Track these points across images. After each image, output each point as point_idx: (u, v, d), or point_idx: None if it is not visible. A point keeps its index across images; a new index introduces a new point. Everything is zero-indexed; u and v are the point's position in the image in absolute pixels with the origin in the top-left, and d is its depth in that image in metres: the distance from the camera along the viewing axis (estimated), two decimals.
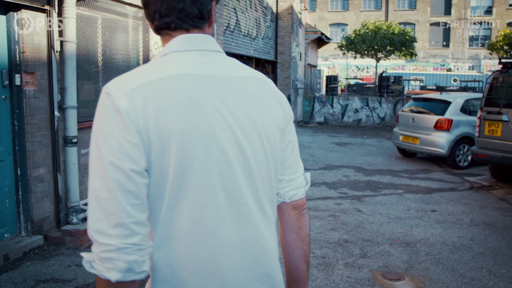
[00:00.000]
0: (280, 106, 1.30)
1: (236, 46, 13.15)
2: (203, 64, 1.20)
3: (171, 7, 1.19)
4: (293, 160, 1.38)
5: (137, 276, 1.10)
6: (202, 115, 1.14)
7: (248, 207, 1.21)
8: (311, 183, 8.17)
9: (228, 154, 1.17)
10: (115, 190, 1.08)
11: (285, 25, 17.62)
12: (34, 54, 4.73)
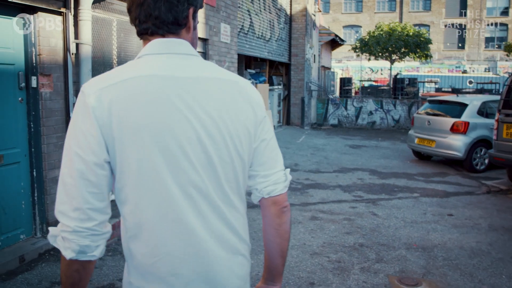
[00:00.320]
0: (250, 107, 1.37)
1: (250, 48, 13.13)
2: (170, 66, 1.29)
3: (148, 14, 1.30)
4: (269, 157, 1.44)
5: (88, 258, 1.25)
6: (162, 114, 1.23)
7: (210, 198, 1.30)
8: (326, 186, 8.14)
9: (187, 150, 1.25)
10: (77, 178, 1.22)
11: (299, 27, 17.58)
12: (50, 56, 4.75)
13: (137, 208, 1.27)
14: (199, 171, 1.28)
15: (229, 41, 9.60)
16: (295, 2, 17.53)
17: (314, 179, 8.83)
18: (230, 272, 1.36)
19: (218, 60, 9.09)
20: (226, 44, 9.45)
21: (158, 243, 1.27)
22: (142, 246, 1.28)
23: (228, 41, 9.55)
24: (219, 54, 9.13)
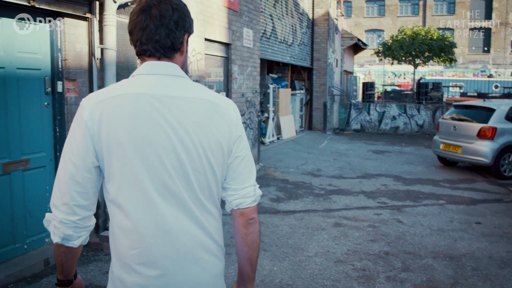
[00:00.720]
0: (227, 126, 1.54)
1: (272, 52, 13.11)
2: (157, 85, 1.48)
3: (150, 38, 1.49)
4: (241, 172, 1.60)
5: (71, 245, 1.50)
6: (143, 126, 1.43)
7: (184, 202, 1.48)
8: (349, 192, 8.03)
9: (163, 158, 1.44)
10: (68, 178, 1.45)
11: (321, 32, 17.49)
12: (75, 61, 4.79)
13: (121, 208, 1.47)
14: (173, 176, 1.46)
15: (251, 45, 9.59)
16: (317, 7, 17.45)
17: (337, 184, 8.73)
18: (202, 270, 1.51)
19: (241, 65, 9.08)
20: (248, 48, 9.44)
21: (138, 238, 1.46)
22: (124, 239, 1.47)
23: (250, 46, 9.53)
24: (242, 58, 9.11)
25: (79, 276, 1.68)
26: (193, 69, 7.09)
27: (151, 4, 1.51)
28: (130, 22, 1.54)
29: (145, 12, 1.50)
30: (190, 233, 1.49)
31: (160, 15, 1.49)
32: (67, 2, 4.60)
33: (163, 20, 1.49)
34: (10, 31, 4.21)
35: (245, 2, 9.17)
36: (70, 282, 1.63)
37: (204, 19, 7.41)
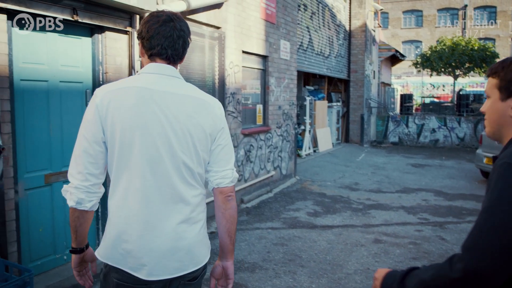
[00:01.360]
0: (211, 119, 1.88)
1: (309, 64, 13.02)
2: (157, 83, 1.83)
3: (171, 45, 1.84)
4: (222, 158, 1.94)
5: (83, 207, 1.81)
6: (142, 114, 1.77)
7: (174, 186, 1.81)
8: (388, 207, 7.81)
9: (157, 142, 1.77)
10: (82, 151, 1.79)
11: (358, 43, 17.30)
12: (116, 74, 4.85)
13: (116, 177, 1.81)
14: (163, 156, 1.78)
15: (288, 57, 9.54)
16: (354, 18, 17.30)
17: (375, 199, 8.51)
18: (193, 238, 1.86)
19: (278, 77, 9.04)
20: (285, 60, 9.39)
21: (122, 204, 1.80)
22: (114, 204, 1.83)
23: (287, 58, 9.49)
24: (279, 70, 9.07)
25: (90, 248, 2.02)
26: (230, 82, 7.09)
27: (172, 18, 1.85)
28: (149, 28, 1.84)
29: (168, 24, 1.84)
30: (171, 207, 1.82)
31: (181, 29, 1.86)
32: (109, 16, 4.67)
33: (181, 33, 1.87)
34: (54, 45, 4.30)
35: (283, 15, 9.15)
36: (82, 250, 1.97)
37: (242, 31, 7.42)
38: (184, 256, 1.83)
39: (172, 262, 1.81)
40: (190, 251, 1.84)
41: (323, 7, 14.27)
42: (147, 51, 1.87)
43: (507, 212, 1.29)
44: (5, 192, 3.79)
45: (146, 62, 1.90)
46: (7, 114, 3.80)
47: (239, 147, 7.54)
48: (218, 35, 6.78)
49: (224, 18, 6.86)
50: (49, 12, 4.05)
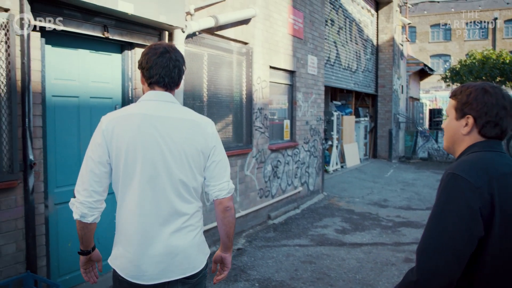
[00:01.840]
0: (203, 139, 2.10)
1: (336, 79, 12.94)
2: (156, 108, 2.06)
3: (168, 74, 2.09)
4: (217, 173, 2.15)
5: (86, 221, 2.06)
6: (142, 138, 2.00)
7: (171, 200, 2.03)
8: (419, 224, 7.60)
9: (155, 161, 2.01)
10: (88, 171, 2.02)
11: (386, 58, 17.14)
12: None
13: (122, 193, 2.05)
14: (161, 174, 2.01)
15: (316, 72, 9.49)
16: (382, 33, 17.16)
17: (405, 216, 8.31)
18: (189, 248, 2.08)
19: (305, 92, 8.99)
20: (313, 76, 9.34)
21: (127, 217, 2.05)
22: (120, 217, 2.09)
23: (315, 73, 9.44)
24: (306, 86, 9.02)
25: (96, 249, 2.28)
26: (257, 97, 7.07)
27: (168, 50, 2.11)
28: (148, 59, 2.09)
29: (164, 55, 2.08)
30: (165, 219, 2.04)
31: (176, 59, 2.11)
32: (139, 33, 4.72)
33: (177, 63, 2.11)
34: (85, 61, 4.36)
35: (310, 30, 9.13)
36: (88, 252, 2.23)
37: (270, 47, 7.42)
38: (180, 262, 2.05)
39: (168, 266, 2.03)
40: (186, 258, 2.06)
41: (350, 22, 14.21)
42: (146, 80, 2.12)
43: (453, 217, 1.52)
44: (35, 206, 3.82)
45: (146, 89, 2.15)
46: (39, 130, 3.86)
47: (266, 163, 7.48)
48: (246, 51, 6.79)
49: (252, 34, 6.88)
50: (81, 29, 4.11)
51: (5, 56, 3.59)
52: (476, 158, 1.66)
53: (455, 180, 1.57)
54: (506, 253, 1.56)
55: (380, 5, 17.16)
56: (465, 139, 1.76)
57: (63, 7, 3.93)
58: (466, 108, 1.73)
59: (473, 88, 1.74)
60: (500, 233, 1.55)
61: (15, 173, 3.64)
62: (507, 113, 1.70)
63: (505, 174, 1.62)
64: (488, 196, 1.54)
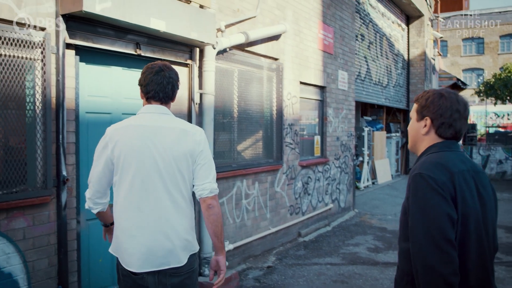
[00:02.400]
0: (191, 144, 2.38)
1: (366, 95, 12.79)
2: (150, 119, 2.40)
3: (162, 90, 2.41)
4: (201, 174, 2.40)
5: (93, 211, 2.55)
6: (137, 145, 2.33)
7: (159, 197, 2.32)
8: None
9: (147, 165, 2.32)
10: (94, 173, 2.43)
11: (417, 72, 16.87)
12: (175, 106, 4.90)
13: (118, 190, 2.37)
14: (152, 176, 2.32)
15: (346, 88, 9.39)
16: (413, 47, 16.94)
17: None
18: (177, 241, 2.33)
19: (336, 108, 8.89)
20: (343, 91, 9.25)
21: (122, 211, 2.36)
22: (116, 211, 2.40)
23: (345, 88, 9.34)
24: (337, 101, 8.93)
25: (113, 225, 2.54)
26: (288, 113, 7.02)
27: (163, 68, 2.43)
28: (145, 77, 2.42)
29: (159, 73, 2.41)
30: (157, 217, 2.32)
31: (170, 76, 2.43)
32: (170, 49, 4.76)
33: (170, 80, 2.43)
34: (118, 78, 4.41)
35: (340, 45, 9.07)
36: (107, 225, 2.70)
37: (300, 62, 7.38)
38: (166, 255, 2.31)
39: (156, 258, 2.30)
40: (171, 252, 2.31)
41: (381, 36, 14.08)
42: (144, 95, 2.46)
43: (434, 209, 1.71)
44: (67, 222, 3.85)
45: (144, 103, 2.48)
46: (72, 146, 3.90)
47: (297, 179, 7.39)
48: (276, 66, 6.77)
49: (282, 50, 6.86)
50: (114, 47, 4.17)
51: (41, 74, 3.66)
52: (437, 157, 1.87)
53: (423, 179, 1.77)
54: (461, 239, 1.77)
55: (411, 19, 16.97)
56: (425, 139, 1.99)
57: (97, 25, 3.99)
58: (425, 110, 1.96)
59: (431, 93, 1.97)
60: (462, 219, 1.77)
61: (48, 188, 3.68)
62: (460, 115, 1.92)
63: (463, 170, 1.83)
64: (452, 189, 1.76)
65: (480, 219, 1.82)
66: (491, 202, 1.90)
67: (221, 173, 5.53)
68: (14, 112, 3.55)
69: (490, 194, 1.91)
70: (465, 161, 1.90)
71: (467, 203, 1.78)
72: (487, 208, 1.86)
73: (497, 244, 1.96)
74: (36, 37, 3.59)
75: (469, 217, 1.78)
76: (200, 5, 4.90)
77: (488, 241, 1.85)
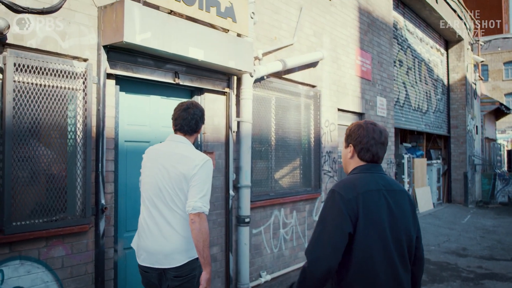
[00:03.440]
0: (189, 168, 2.79)
1: (406, 121, 12.53)
2: (168, 146, 2.97)
3: (187, 124, 2.96)
4: (191, 193, 2.78)
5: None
6: (152, 165, 2.93)
7: (161, 209, 2.86)
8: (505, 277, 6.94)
9: (156, 182, 2.87)
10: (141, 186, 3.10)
11: (458, 97, 16.46)
12: (213, 134, 4.89)
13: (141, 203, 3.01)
14: (156, 190, 2.87)
15: (385, 114, 9.22)
16: (453, 72, 16.59)
17: (488, 267, 7.64)
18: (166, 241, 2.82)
19: None
20: (382, 117, 9.07)
21: (141, 220, 2.98)
22: (139, 219, 2.99)
23: (384, 115, 9.17)
24: None
25: None
26: (326, 140, 6.92)
27: (189, 106, 2.98)
28: (175, 113, 2.99)
29: (186, 110, 2.97)
30: (160, 227, 2.83)
31: (194, 113, 2.97)
32: (208, 78, 4.78)
33: (194, 116, 2.97)
34: (156, 107, 4.45)
35: (378, 71, 8.95)
36: None
37: (337, 89, 7.31)
38: (161, 258, 2.82)
39: (156, 258, 2.84)
40: (167, 255, 2.81)
41: (419, 62, 13.86)
42: (173, 127, 3.01)
43: (330, 220, 2.10)
44: (105, 251, 3.84)
45: (174, 133, 3.03)
46: (111, 174, 3.92)
47: None
48: (314, 94, 6.71)
49: (319, 77, 6.81)
50: (153, 76, 4.22)
51: (82, 104, 3.72)
52: (352, 178, 2.25)
53: (334, 194, 2.15)
54: (366, 245, 2.11)
55: (450, 43, 16.68)
56: (351, 162, 2.36)
57: (137, 55, 4.06)
58: (349, 139, 2.36)
59: (353, 125, 2.38)
60: (364, 232, 2.10)
61: (87, 217, 3.69)
62: (376, 142, 2.29)
63: (371, 190, 2.18)
64: (355, 206, 2.11)
65: (386, 229, 2.15)
66: (403, 215, 2.24)
67: (258, 201, 5.45)
68: (57, 141, 3.61)
69: (403, 209, 2.25)
70: (379, 182, 2.24)
71: (371, 216, 2.12)
72: (398, 220, 2.20)
73: (421, 253, 2.34)
74: (78, 68, 3.67)
75: (373, 228, 2.12)
76: (238, 33, 4.92)
77: (397, 246, 2.18)
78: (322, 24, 6.96)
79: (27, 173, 3.43)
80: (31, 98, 3.41)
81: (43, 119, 3.49)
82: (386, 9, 9.47)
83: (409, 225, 2.25)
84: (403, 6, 12.55)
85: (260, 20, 5.56)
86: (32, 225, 3.38)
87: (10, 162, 3.24)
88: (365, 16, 8.43)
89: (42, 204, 3.49)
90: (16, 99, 3.31)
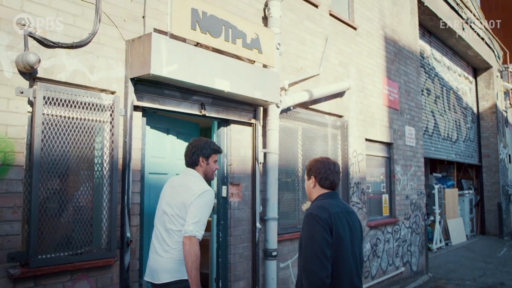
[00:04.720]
0: (189, 197, 3.09)
1: (435, 150, 12.26)
2: (177, 179, 3.36)
3: (188, 158, 3.31)
4: (187, 219, 3.05)
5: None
6: (162, 195, 3.34)
7: (162, 232, 3.19)
8: None
9: (162, 209, 3.25)
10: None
11: (489, 125, 16.09)
12: (239, 166, 4.83)
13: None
14: (162, 215, 3.23)
15: (414, 144, 9.02)
16: (482, 99, 16.28)
17: None
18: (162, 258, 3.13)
19: (404, 165, 8.51)
20: (411, 147, 8.88)
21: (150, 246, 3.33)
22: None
23: (413, 144, 8.98)
24: (404, 158, 8.57)
25: None
26: (354, 171, 6.78)
27: (191, 141, 3.35)
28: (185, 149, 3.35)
29: (188, 146, 3.33)
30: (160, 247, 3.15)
31: (192, 147, 3.29)
32: (234, 109, 4.76)
33: (195, 150, 3.27)
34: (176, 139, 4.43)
35: (406, 100, 8.82)
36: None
37: (365, 119, 7.20)
38: (155, 273, 3.13)
39: (153, 274, 3.15)
40: (157, 272, 3.11)
41: (448, 90, 13.66)
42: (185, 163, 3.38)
43: (317, 234, 2.55)
44: (130, 285, 3.76)
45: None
46: (137, 207, 3.89)
47: (365, 241, 7.00)
48: (341, 124, 6.62)
49: (346, 107, 6.73)
50: (180, 108, 4.22)
51: (109, 136, 3.73)
52: (322, 203, 2.73)
53: (312, 217, 2.61)
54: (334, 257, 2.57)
55: (478, 71, 16.43)
56: (314, 191, 2.86)
57: (164, 87, 4.07)
58: (310, 172, 2.86)
59: (312, 160, 2.90)
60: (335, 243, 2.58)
61: (112, 250, 3.65)
62: (331, 171, 2.82)
63: (338, 211, 2.68)
64: (330, 223, 2.59)
65: (348, 243, 2.66)
66: (357, 233, 2.77)
67: (286, 234, 5.32)
68: (84, 173, 3.61)
69: (357, 228, 2.78)
70: (340, 205, 2.76)
71: (339, 233, 2.61)
72: (354, 237, 2.72)
73: (363, 259, 2.82)
74: (106, 100, 3.69)
75: (341, 242, 2.61)
76: (264, 64, 4.91)
77: (354, 258, 2.70)
78: (348, 54, 6.92)
79: (54, 206, 3.42)
80: (59, 131, 3.43)
81: (70, 151, 3.50)
82: (412, 38, 9.40)
83: (360, 242, 2.81)
84: (429, 35, 12.46)
85: (286, 51, 5.56)
86: (57, 258, 3.35)
87: (37, 195, 3.23)
88: (391, 45, 8.37)
89: (68, 237, 3.47)
90: (45, 132, 3.33)
